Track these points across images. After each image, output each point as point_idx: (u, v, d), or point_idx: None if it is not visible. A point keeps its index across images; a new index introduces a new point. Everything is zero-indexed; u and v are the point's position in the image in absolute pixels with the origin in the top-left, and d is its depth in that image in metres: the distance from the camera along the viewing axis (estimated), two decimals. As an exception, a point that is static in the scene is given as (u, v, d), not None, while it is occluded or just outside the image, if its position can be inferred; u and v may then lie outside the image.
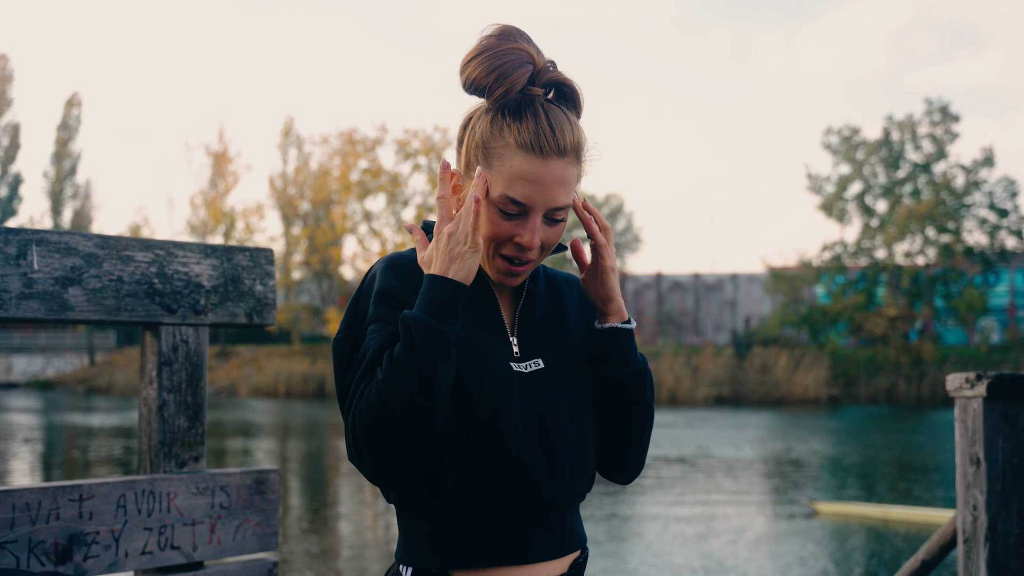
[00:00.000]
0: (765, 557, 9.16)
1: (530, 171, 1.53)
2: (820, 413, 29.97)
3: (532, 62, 1.57)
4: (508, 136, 1.54)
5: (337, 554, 9.69)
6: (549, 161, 1.53)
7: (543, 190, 1.54)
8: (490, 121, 1.57)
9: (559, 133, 1.54)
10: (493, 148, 1.56)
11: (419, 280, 1.59)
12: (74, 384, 45.17)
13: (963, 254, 38.41)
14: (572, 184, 1.58)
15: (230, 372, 42.35)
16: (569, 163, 1.56)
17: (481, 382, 1.54)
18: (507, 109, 1.56)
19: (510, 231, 1.56)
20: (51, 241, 1.97)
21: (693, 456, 17.41)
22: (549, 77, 1.59)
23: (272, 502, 2.24)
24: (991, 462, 2.30)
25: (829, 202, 40.29)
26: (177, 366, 2.16)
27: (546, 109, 1.56)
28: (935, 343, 37.57)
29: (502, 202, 1.55)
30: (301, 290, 48.57)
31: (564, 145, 1.54)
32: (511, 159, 1.54)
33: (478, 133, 1.58)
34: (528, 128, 1.53)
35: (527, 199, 1.54)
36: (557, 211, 1.57)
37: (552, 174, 1.54)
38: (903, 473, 15.52)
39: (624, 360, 1.65)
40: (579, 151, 1.58)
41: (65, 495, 1.93)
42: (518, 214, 1.55)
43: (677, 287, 44.67)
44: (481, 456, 1.54)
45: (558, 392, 1.61)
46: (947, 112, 39.08)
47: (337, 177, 44.69)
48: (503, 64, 1.54)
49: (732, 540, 9.96)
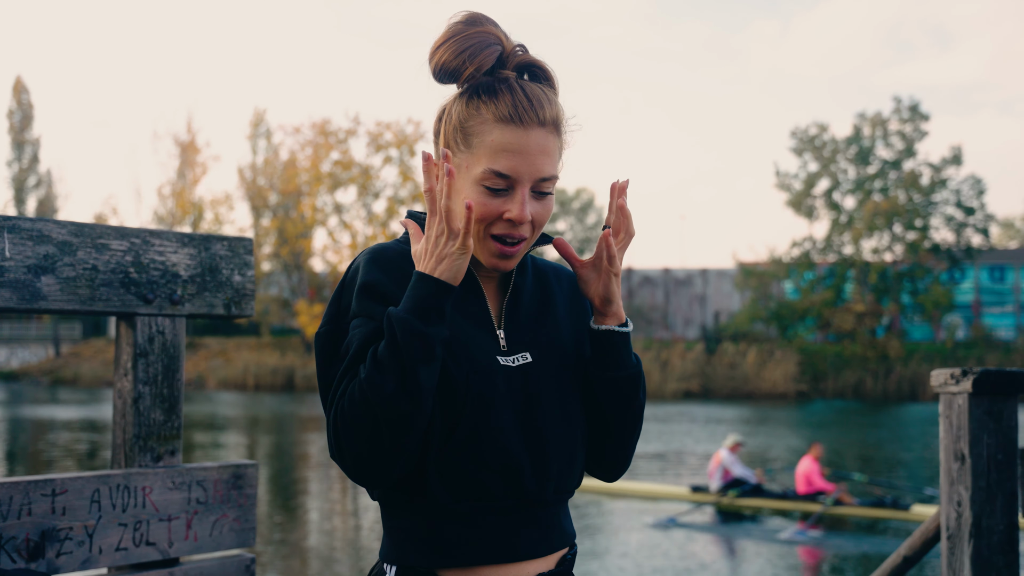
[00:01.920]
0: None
1: (512, 142, 1.51)
2: (788, 408, 30.20)
3: (500, 44, 1.56)
4: (486, 112, 1.52)
5: (308, 549, 9.62)
6: (530, 130, 1.51)
7: (527, 160, 1.51)
8: (465, 103, 1.55)
9: (537, 105, 1.53)
10: (471, 127, 1.53)
11: (403, 273, 1.55)
12: (39, 375, 44.63)
13: (930, 251, 38.83)
14: (555, 155, 1.56)
15: (198, 364, 42.01)
16: (550, 133, 1.54)
17: (467, 377, 1.51)
18: (481, 89, 1.55)
19: (498, 208, 1.52)
20: (23, 228, 1.91)
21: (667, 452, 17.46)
22: (520, 60, 1.58)
23: (250, 497, 2.19)
24: (976, 458, 2.29)
25: (797, 199, 40.57)
26: (153, 358, 2.10)
27: (521, 85, 1.55)
28: (901, 339, 37.97)
29: (487, 177, 1.51)
30: (270, 282, 48.24)
31: (543, 116, 1.53)
32: (491, 133, 1.51)
33: (454, 116, 1.56)
34: (505, 102, 1.52)
35: (512, 170, 1.51)
36: (543, 182, 1.54)
37: (535, 143, 1.52)
38: (869, 467, 15.66)
39: (620, 363, 1.61)
40: (559, 124, 1.56)
41: (37, 490, 1.87)
42: (505, 188, 1.52)
43: (647, 282, 44.82)
44: (466, 453, 1.50)
45: (546, 387, 1.57)
46: (916, 110, 39.44)
47: (307, 168, 44.39)
48: (471, 46, 1.53)
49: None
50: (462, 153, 1.55)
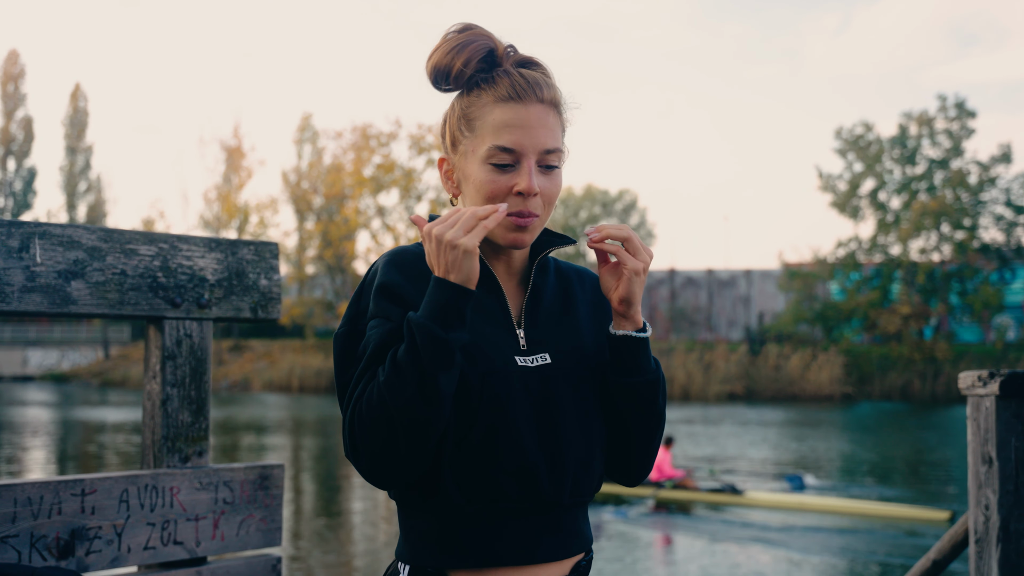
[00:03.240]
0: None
1: (512, 117, 1.55)
2: (834, 410, 29.85)
3: (492, 43, 1.61)
4: (486, 96, 1.58)
5: (349, 551, 9.69)
6: (529, 105, 1.56)
7: (529, 132, 1.55)
8: (466, 93, 1.62)
9: (535, 84, 1.58)
10: (473, 112, 1.59)
11: (422, 274, 1.56)
12: (89, 377, 45.39)
13: (979, 251, 38.17)
14: (557, 130, 1.60)
15: (243, 366, 42.49)
16: (550, 109, 1.59)
17: (483, 378, 1.51)
18: (479, 79, 1.60)
19: (507, 183, 1.55)
20: (54, 234, 1.95)
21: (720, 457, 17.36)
22: (514, 58, 1.63)
23: (276, 497, 2.23)
24: (1003, 461, 2.27)
25: (842, 199, 40.10)
26: (181, 360, 2.14)
27: (518, 70, 1.60)
28: (949, 340, 37.37)
29: (492, 154, 1.55)
30: (314, 285, 48.65)
31: (542, 95, 1.58)
32: (492, 113, 1.57)
33: (457, 109, 1.62)
34: (504, 84, 1.57)
35: (515, 143, 1.55)
36: (548, 154, 1.57)
37: (535, 116, 1.56)
38: (915, 470, 15.44)
39: (639, 369, 1.61)
40: (558, 104, 1.61)
41: (67, 489, 1.92)
42: (512, 164, 1.55)
43: (690, 283, 44.56)
44: (481, 454, 1.50)
45: (564, 388, 1.57)
46: (963, 108, 38.81)
47: (351, 172, 44.71)
48: (459, 44, 1.59)
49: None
50: (466, 139, 1.59)
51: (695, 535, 10.52)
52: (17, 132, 53.85)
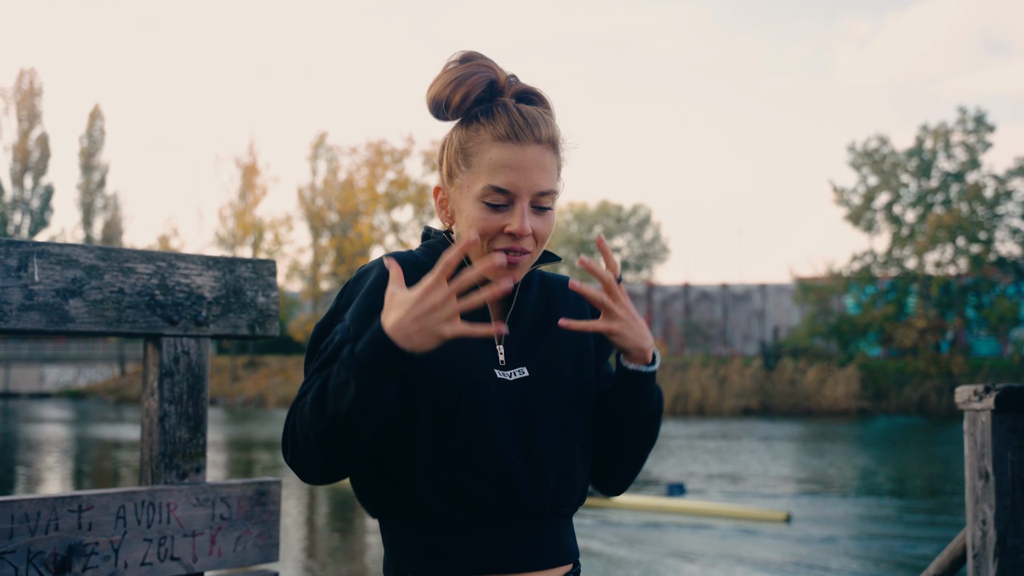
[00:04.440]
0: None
1: (509, 158, 1.56)
2: (850, 424, 29.69)
3: (493, 74, 1.62)
4: (484, 133, 1.58)
5: (362, 566, 9.70)
6: (527, 147, 1.57)
7: (524, 175, 1.56)
8: (465, 127, 1.62)
9: (533, 124, 1.58)
10: (470, 147, 1.60)
11: (412, 281, 1.57)
12: (105, 394, 45.61)
13: (995, 264, 37.97)
14: (553, 171, 1.61)
15: (259, 382, 42.61)
16: (547, 150, 1.59)
17: (460, 388, 1.54)
18: (479, 113, 1.61)
19: (499, 222, 1.57)
20: (52, 253, 1.98)
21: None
22: (515, 88, 1.64)
23: (273, 513, 2.24)
24: (1000, 476, 2.26)
25: (856, 212, 39.98)
26: (178, 377, 2.16)
27: (517, 107, 1.60)
28: (966, 354, 37.13)
29: (486, 193, 1.56)
30: (329, 300, 48.74)
31: (539, 135, 1.58)
32: (489, 152, 1.57)
33: (455, 140, 1.63)
34: (502, 121, 1.58)
35: (510, 185, 1.56)
36: (542, 196, 1.58)
37: (531, 159, 1.57)
38: (936, 484, 15.34)
39: (643, 401, 1.64)
40: (555, 143, 1.62)
41: (64, 506, 1.94)
42: (505, 204, 1.56)
43: (705, 297, 44.46)
44: (460, 462, 1.53)
45: (543, 400, 1.59)
46: (982, 121, 38.65)
47: (364, 188, 44.89)
48: (459, 76, 1.60)
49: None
50: (463, 173, 1.60)
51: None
52: (34, 150, 54.30)
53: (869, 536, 10.89)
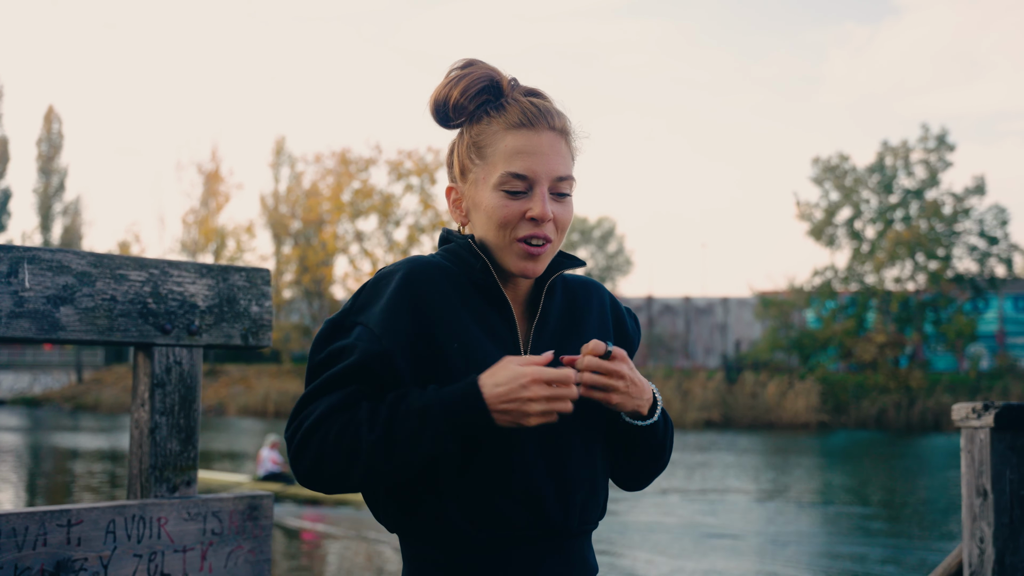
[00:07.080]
0: None
1: (524, 144, 1.55)
2: (810, 437, 29.92)
3: (494, 74, 1.62)
4: (496, 124, 1.58)
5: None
6: (541, 132, 1.56)
7: (541, 159, 1.55)
8: (475, 123, 1.61)
9: (545, 112, 1.59)
10: (483, 139, 1.58)
11: (438, 291, 1.53)
12: (61, 402, 44.83)
13: (952, 280, 38.51)
14: (568, 157, 1.60)
15: (219, 391, 42.12)
16: (560, 138, 1.59)
17: None
18: (489, 107, 1.60)
19: (519, 209, 1.55)
20: (43, 259, 1.92)
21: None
22: (520, 90, 1.64)
23: (265, 528, 2.19)
24: (998, 494, 2.26)
25: (818, 227, 40.39)
26: (170, 388, 2.11)
27: (528, 98, 1.61)
28: (924, 369, 37.60)
29: (504, 181, 1.55)
30: (291, 309, 48.39)
31: (552, 123, 1.59)
32: (503, 140, 1.56)
33: (466, 137, 1.62)
34: (515, 111, 1.58)
35: (527, 170, 1.54)
36: (560, 182, 1.58)
37: (547, 143, 1.56)
38: (892, 497, 15.48)
39: (648, 445, 1.65)
40: (568, 132, 1.62)
41: (53, 520, 1.87)
42: (524, 191, 1.55)
43: (668, 310, 44.68)
44: (487, 481, 1.49)
45: (568, 416, 1.55)
46: (943, 140, 39.22)
47: (328, 197, 44.61)
48: (464, 76, 1.61)
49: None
50: (477, 166, 1.58)
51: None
52: (-8, 153, 53.40)
53: (828, 547, 10.96)
